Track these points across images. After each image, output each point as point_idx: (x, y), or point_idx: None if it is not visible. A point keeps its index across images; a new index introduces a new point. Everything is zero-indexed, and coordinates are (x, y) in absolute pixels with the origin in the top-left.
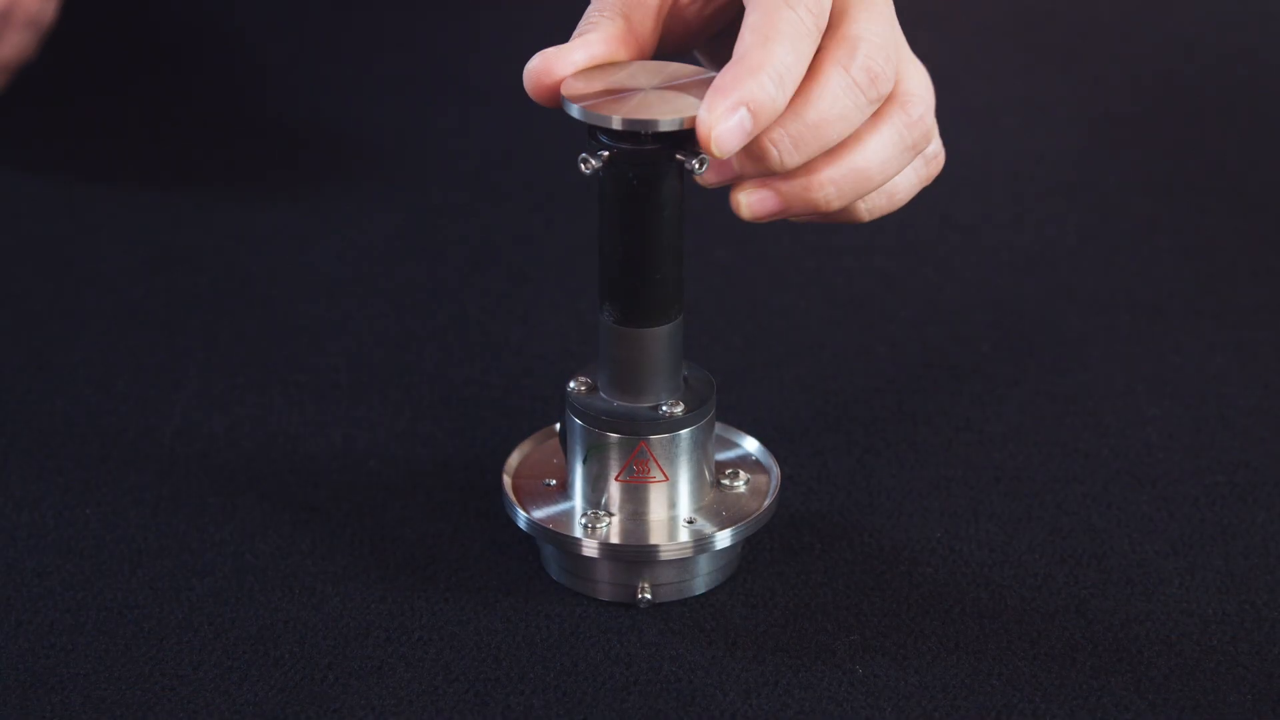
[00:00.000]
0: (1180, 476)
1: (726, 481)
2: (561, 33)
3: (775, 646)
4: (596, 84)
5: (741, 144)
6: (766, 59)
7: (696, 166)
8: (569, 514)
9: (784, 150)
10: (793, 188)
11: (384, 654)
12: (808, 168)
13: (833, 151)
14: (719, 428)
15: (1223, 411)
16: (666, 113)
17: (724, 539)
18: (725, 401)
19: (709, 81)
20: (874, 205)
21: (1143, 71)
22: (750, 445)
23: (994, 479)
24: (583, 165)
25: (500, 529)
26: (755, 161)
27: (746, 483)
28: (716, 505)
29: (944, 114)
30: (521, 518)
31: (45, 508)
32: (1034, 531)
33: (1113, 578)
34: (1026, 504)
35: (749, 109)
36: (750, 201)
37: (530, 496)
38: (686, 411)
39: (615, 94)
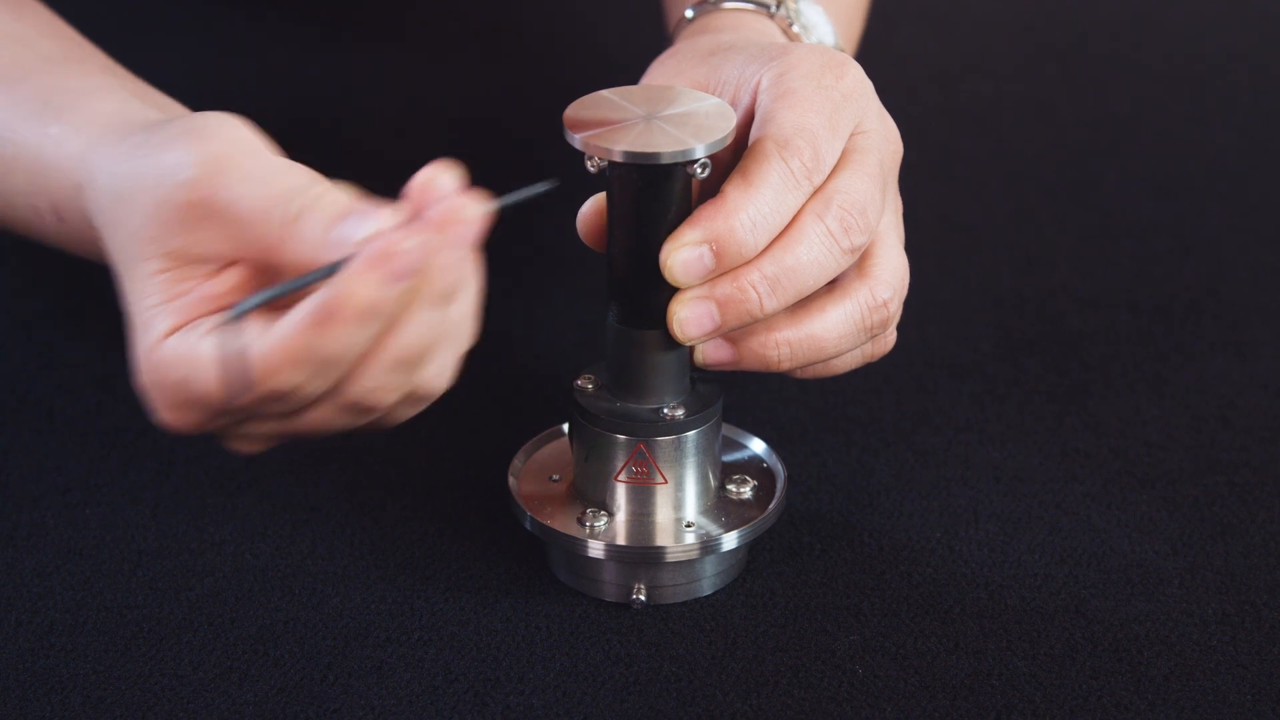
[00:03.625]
0: (1180, 476)
1: (732, 487)
2: (561, 32)
3: (775, 646)
4: (598, 112)
5: (700, 279)
6: (744, 204)
7: (699, 171)
8: (570, 514)
9: (763, 293)
10: (749, 342)
11: (384, 654)
12: (767, 325)
13: (794, 313)
14: (725, 429)
15: (1223, 411)
16: (668, 144)
17: (729, 542)
18: (726, 402)
19: (716, 109)
20: (813, 369)
21: (1143, 71)
22: (757, 447)
23: (994, 479)
24: (589, 164)
25: (500, 529)
26: (736, 308)
27: (753, 489)
28: (718, 509)
29: (944, 113)
30: (524, 517)
31: (45, 508)
32: (1034, 531)
33: (1113, 578)
34: (1026, 504)
35: (712, 249)
36: (705, 349)
37: (534, 497)
38: (687, 415)
39: (615, 124)
